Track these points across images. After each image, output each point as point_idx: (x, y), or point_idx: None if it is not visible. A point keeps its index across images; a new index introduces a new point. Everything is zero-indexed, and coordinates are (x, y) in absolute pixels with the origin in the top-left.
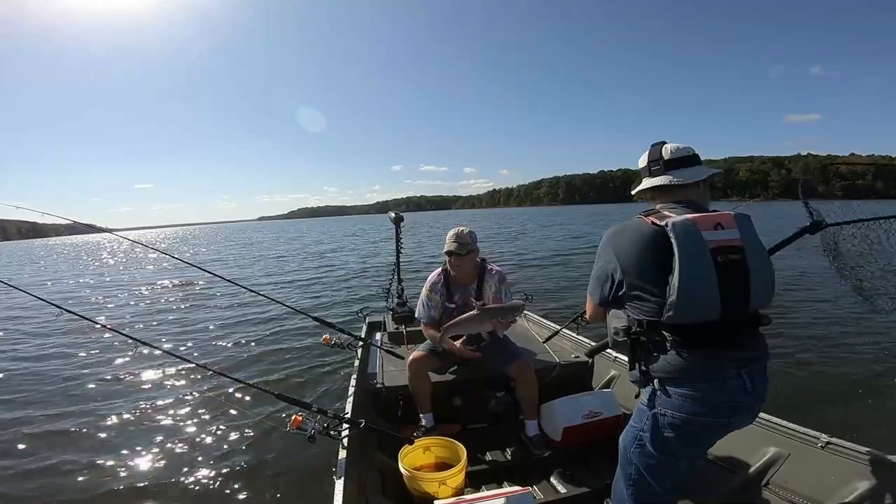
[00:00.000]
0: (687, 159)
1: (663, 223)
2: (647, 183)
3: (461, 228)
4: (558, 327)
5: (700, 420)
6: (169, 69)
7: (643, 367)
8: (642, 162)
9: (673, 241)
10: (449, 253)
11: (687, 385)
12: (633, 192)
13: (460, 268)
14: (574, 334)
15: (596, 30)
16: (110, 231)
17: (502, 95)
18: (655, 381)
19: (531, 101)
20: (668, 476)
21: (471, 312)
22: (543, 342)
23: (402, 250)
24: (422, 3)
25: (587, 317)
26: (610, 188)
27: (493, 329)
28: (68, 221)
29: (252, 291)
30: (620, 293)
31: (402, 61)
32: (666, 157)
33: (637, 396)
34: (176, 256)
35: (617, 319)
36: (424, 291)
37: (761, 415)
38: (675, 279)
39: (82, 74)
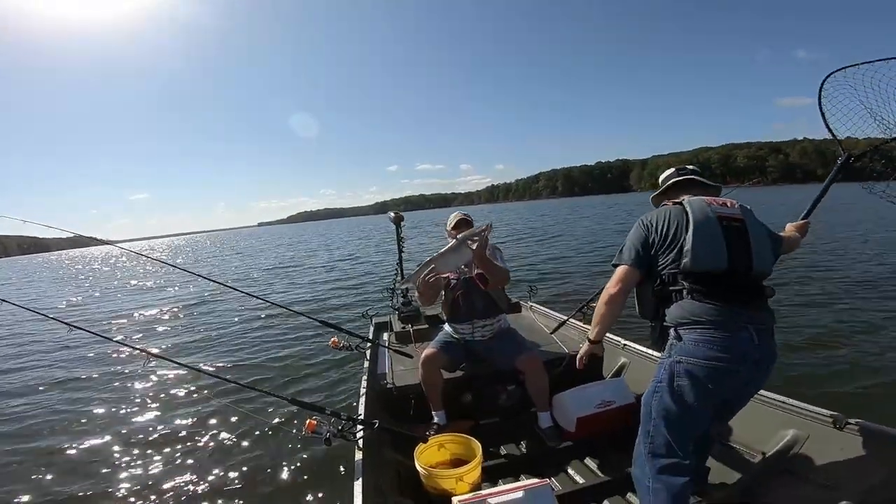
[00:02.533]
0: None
1: (682, 200)
2: (680, 175)
3: (459, 211)
4: (565, 317)
5: (709, 364)
6: (160, 79)
7: (664, 319)
8: (670, 170)
9: (688, 208)
10: (456, 226)
11: (699, 330)
12: (660, 188)
13: None
14: (581, 324)
15: (583, 19)
16: (113, 244)
17: (494, 90)
18: (671, 329)
19: (523, 95)
20: (684, 429)
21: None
22: (551, 333)
23: (405, 249)
24: (404, 3)
25: (613, 287)
26: (608, 179)
27: (474, 258)
28: (73, 234)
29: (258, 298)
30: (652, 252)
31: (393, 59)
32: (690, 168)
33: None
34: (179, 266)
35: (644, 286)
36: None
37: (779, 396)
38: (689, 232)
39: (68, 88)
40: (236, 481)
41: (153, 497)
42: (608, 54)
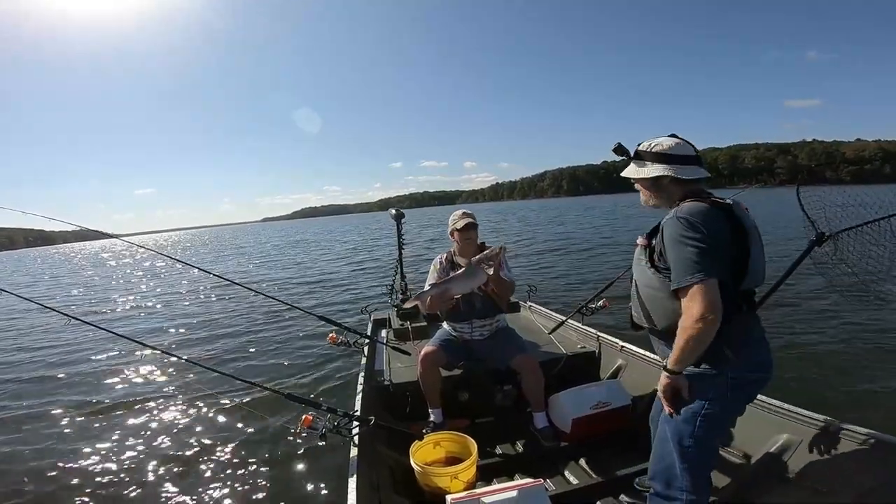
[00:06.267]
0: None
1: (728, 201)
2: (696, 173)
3: (461, 210)
4: (563, 318)
5: (758, 376)
6: (166, 74)
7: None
8: (671, 149)
9: (743, 221)
10: (461, 228)
11: (751, 345)
12: (681, 178)
13: (470, 241)
14: (579, 325)
15: (590, 20)
16: (123, 238)
17: (499, 88)
18: (724, 346)
19: (529, 94)
20: (720, 440)
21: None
22: (549, 333)
23: (405, 246)
24: (407, 3)
25: (708, 311)
26: (614, 178)
27: (488, 279)
28: (79, 228)
29: (257, 292)
30: None
31: (398, 55)
32: (696, 154)
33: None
34: (176, 258)
35: None
36: (430, 271)
37: (772, 400)
38: (753, 252)
39: (73, 83)
40: (229, 474)
41: (141, 488)
42: (616, 54)
